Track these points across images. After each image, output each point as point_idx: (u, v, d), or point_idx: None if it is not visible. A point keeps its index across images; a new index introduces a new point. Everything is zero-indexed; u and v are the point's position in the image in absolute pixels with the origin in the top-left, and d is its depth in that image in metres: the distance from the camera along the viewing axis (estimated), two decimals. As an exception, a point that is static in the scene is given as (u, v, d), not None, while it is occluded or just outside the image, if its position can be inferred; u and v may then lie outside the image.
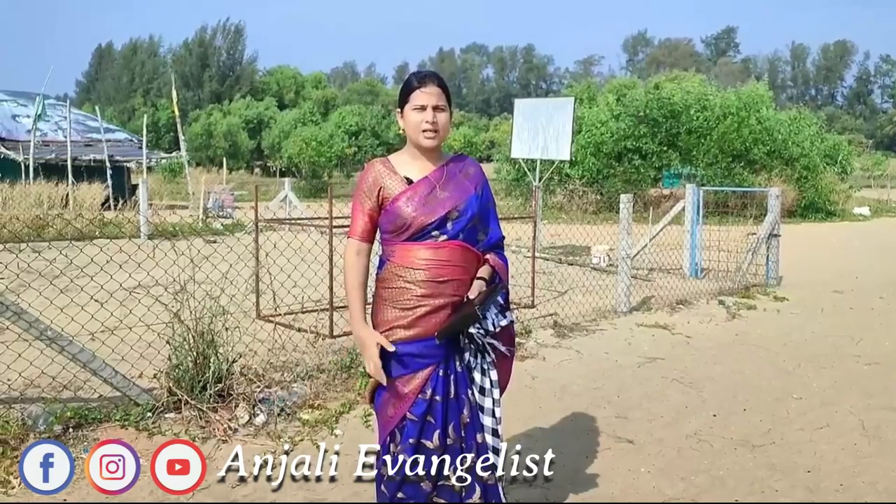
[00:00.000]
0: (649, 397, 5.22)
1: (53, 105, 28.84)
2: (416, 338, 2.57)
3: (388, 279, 2.63)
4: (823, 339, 7.09)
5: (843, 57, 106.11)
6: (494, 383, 2.69)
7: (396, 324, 2.58)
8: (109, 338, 5.18)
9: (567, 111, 12.89)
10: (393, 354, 2.57)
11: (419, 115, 2.58)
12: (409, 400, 2.55)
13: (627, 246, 8.18)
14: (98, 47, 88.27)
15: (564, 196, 24.89)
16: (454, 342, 2.61)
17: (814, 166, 25.48)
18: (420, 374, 2.57)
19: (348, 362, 5.36)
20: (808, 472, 3.96)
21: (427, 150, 2.63)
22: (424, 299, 2.57)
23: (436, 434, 2.55)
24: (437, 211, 2.58)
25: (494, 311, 2.60)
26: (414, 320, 2.57)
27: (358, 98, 66.12)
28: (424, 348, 2.57)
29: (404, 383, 2.57)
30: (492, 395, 2.67)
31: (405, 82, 2.66)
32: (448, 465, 2.56)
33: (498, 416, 2.68)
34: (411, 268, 2.58)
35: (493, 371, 2.70)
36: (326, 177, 41.92)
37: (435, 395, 2.56)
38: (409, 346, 2.57)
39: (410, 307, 2.58)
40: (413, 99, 2.59)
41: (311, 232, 9.29)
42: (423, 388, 2.56)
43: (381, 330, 2.61)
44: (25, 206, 16.95)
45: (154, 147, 38.98)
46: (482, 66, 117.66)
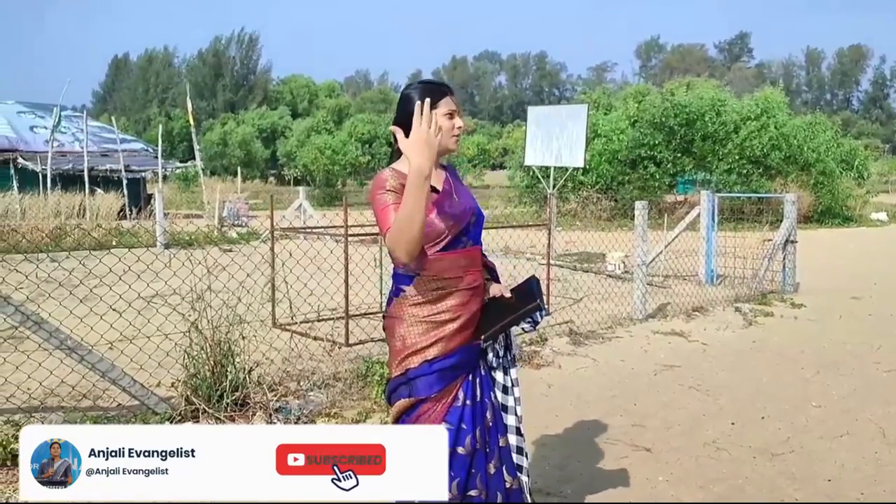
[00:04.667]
0: (666, 405, 5.19)
1: (70, 116, 29.11)
2: (455, 349, 2.54)
3: (422, 294, 2.53)
4: (842, 346, 7.03)
5: (859, 61, 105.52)
6: (515, 381, 2.71)
7: (437, 338, 2.53)
8: (128, 347, 5.23)
9: (581, 118, 12.87)
10: (433, 370, 2.52)
11: (450, 122, 2.59)
12: (444, 410, 2.54)
13: (643, 253, 8.15)
14: (114, 58, 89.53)
15: (578, 203, 24.84)
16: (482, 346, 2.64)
17: (830, 172, 25.29)
18: (456, 383, 2.56)
19: (364, 371, 5.37)
20: (829, 480, 3.93)
21: (439, 157, 2.64)
22: (462, 308, 2.55)
23: (468, 439, 2.56)
24: (464, 217, 2.58)
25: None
26: (454, 332, 2.53)
27: (371, 106, 66.32)
28: (462, 358, 2.56)
29: (442, 396, 2.53)
30: (513, 393, 2.69)
31: (423, 89, 2.56)
32: (475, 470, 2.56)
33: (520, 415, 2.69)
34: (448, 278, 2.53)
35: (514, 369, 2.72)
36: (340, 185, 42.07)
37: (466, 399, 2.57)
38: (448, 359, 2.54)
39: (448, 319, 2.53)
40: (443, 105, 2.58)
41: (326, 240, 9.33)
42: (456, 395, 2.56)
43: (417, 349, 2.53)
44: (43, 216, 17.10)
45: (169, 156, 39.28)
46: (495, 73, 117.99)
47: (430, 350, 2.52)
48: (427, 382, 2.52)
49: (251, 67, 77.51)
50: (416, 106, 2.33)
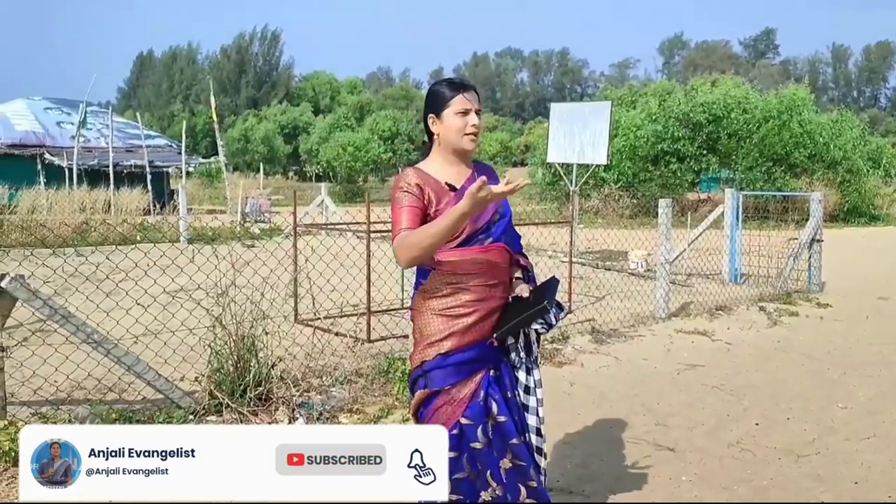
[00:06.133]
0: (689, 405, 5.15)
1: (96, 112, 29.45)
2: (471, 343, 2.57)
3: (436, 288, 2.59)
4: (868, 347, 6.93)
5: (886, 58, 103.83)
6: (538, 382, 2.70)
7: (450, 332, 2.56)
8: (152, 341, 5.28)
9: (604, 115, 12.79)
10: (446, 362, 2.57)
11: (462, 120, 2.59)
12: (464, 404, 2.56)
13: (666, 251, 8.09)
14: (139, 55, 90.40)
15: (600, 200, 24.72)
16: (504, 343, 2.63)
17: (857, 170, 24.97)
18: (474, 378, 2.58)
19: (386, 367, 5.38)
20: (855, 483, 3.88)
21: (461, 155, 2.64)
22: (478, 304, 2.57)
23: (481, 433, 2.56)
24: (484, 216, 2.59)
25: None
26: (469, 326, 2.56)
27: (393, 103, 66.44)
28: (479, 353, 2.58)
29: (459, 389, 2.57)
30: (535, 394, 2.69)
31: (436, 88, 2.65)
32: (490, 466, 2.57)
33: (541, 416, 2.69)
34: (463, 273, 2.57)
35: (537, 370, 2.71)
36: (362, 181, 42.20)
37: (488, 397, 2.57)
38: (464, 353, 2.57)
39: (463, 314, 2.57)
40: (455, 103, 2.59)
41: (348, 236, 9.35)
42: (476, 392, 2.57)
43: (432, 341, 2.58)
44: (70, 212, 17.33)
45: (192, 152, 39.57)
46: (517, 70, 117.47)
47: (444, 343, 2.56)
48: (442, 375, 2.57)
49: (273, 64, 77.89)
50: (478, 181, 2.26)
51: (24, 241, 12.41)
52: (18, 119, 26.48)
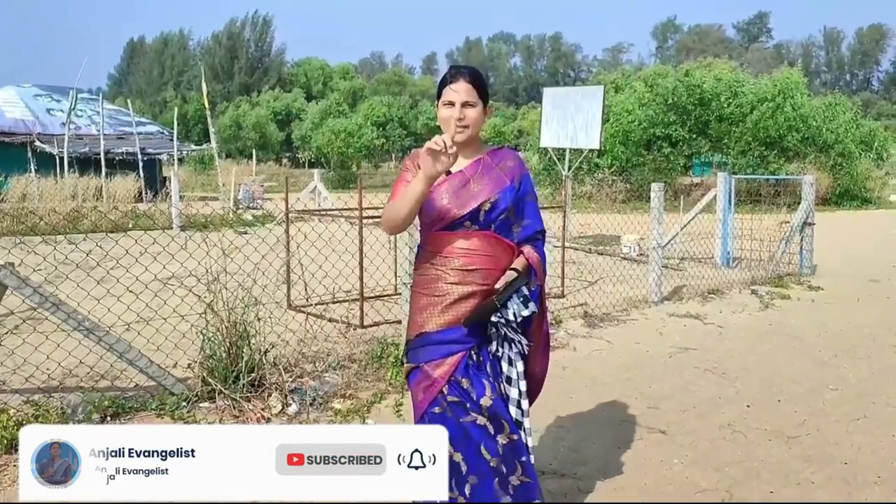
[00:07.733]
0: (681, 388, 5.17)
1: (87, 99, 29.28)
2: (448, 325, 2.62)
3: (422, 266, 2.71)
4: (860, 330, 6.97)
5: (879, 41, 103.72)
6: (521, 374, 2.68)
7: (430, 310, 2.64)
8: (144, 328, 5.27)
9: (597, 99, 12.78)
10: (426, 340, 2.64)
11: (448, 111, 2.62)
12: (439, 384, 2.59)
13: (659, 235, 8.10)
14: (130, 41, 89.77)
15: (593, 185, 24.72)
16: (483, 330, 2.63)
17: (849, 153, 25.02)
18: (449, 360, 2.61)
19: (379, 352, 5.39)
20: (845, 464, 3.91)
21: (461, 144, 2.63)
22: (454, 286, 2.62)
23: (469, 413, 2.57)
24: (470, 204, 2.61)
25: (517, 300, 2.59)
26: (445, 307, 2.62)
27: (386, 89, 66.17)
28: (455, 335, 2.62)
29: (433, 368, 2.62)
30: (518, 385, 2.67)
31: (444, 76, 2.71)
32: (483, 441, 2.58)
33: (524, 409, 2.68)
34: (443, 255, 2.64)
35: (520, 362, 2.69)
36: (355, 167, 42.07)
37: (462, 379, 2.58)
38: (442, 333, 2.63)
39: (441, 294, 2.63)
40: (443, 95, 2.65)
41: (341, 222, 9.34)
42: (452, 374, 2.58)
43: (416, 319, 2.69)
44: (61, 199, 17.26)
45: (184, 139, 39.36)
46: (509, 54, 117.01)
47: (424, 321, 2.66)
48: (422, 352, 2.65)
49: (265, 50, 77.35)
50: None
51: (14, 229, 12.33)
52: (8, 106, 26.31)
